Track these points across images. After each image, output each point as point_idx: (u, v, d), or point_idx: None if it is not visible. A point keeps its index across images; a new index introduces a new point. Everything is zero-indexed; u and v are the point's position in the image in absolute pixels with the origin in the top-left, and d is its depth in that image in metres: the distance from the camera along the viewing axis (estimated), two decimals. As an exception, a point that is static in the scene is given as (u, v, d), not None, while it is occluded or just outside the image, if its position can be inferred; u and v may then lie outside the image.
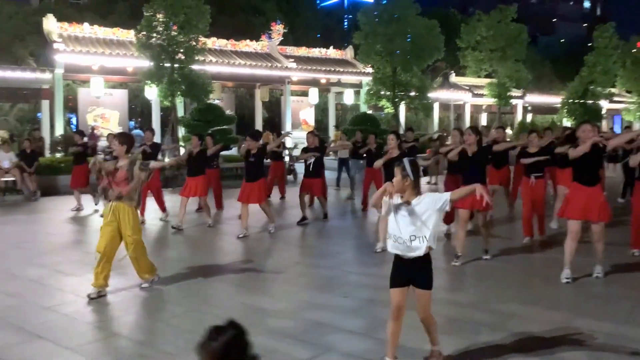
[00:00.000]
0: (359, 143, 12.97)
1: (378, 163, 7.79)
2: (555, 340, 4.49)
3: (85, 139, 12.46)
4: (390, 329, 3.91)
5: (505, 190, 10.80)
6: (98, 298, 5.66)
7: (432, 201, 3.82)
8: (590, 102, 29.97)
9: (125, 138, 6.00)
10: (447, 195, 3.82)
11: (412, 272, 3.87)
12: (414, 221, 3.81)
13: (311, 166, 10.07)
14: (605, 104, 33.32)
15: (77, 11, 26.58)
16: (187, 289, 6.05)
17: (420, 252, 3.80)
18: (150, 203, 10.39)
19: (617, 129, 30.16)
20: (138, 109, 27.68)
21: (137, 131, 23.68)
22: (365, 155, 11.17)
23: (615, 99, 37.07)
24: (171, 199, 11.71)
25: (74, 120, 25.64)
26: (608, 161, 12.37)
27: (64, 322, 5.05)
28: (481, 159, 7.10)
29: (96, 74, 19.87)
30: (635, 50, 39.53)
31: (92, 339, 4.69)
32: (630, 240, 7.45)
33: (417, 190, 3.89)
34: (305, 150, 10.47)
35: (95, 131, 19.21)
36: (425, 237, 3.78)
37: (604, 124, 35.15)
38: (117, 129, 21.19)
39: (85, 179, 11.79)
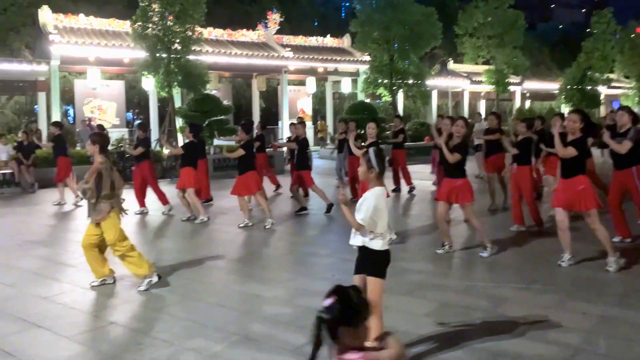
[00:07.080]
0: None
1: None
2: (548, 323, 4.53)
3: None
4: None
5: (498, 177, 10.59)
6: (100, 286, 5.75)
7: (372, 198, 3.76)
8: (589, 87, 29.93)
9: (98, 137, 5.88)
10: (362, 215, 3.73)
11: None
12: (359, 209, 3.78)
13: (296, 159, 10.16)
14: (603, 90, 33.25)
15: (72, 2, 26.40)
16: (183, 278, 6.09)
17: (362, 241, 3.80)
18: (150, 194, 10.46)
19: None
20: (135, 100, 27.60)
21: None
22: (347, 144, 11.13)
23: (614, 84, 37.00)
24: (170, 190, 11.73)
25: (71, 112, 25.61)
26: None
27: (61, 311, 5.10)
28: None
29: (92, 65, 19.80)
30: (634, 35, 39.38)
31: (89, 327, 4.73)
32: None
33: (380, 182, 3.84)
34: (289, 140, 10.49)
35: (92, 122, 19.16)
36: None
37: (602, 110, 35.14)
38: (115, 121, 21.22)
39: (68, 171, 11.05)
